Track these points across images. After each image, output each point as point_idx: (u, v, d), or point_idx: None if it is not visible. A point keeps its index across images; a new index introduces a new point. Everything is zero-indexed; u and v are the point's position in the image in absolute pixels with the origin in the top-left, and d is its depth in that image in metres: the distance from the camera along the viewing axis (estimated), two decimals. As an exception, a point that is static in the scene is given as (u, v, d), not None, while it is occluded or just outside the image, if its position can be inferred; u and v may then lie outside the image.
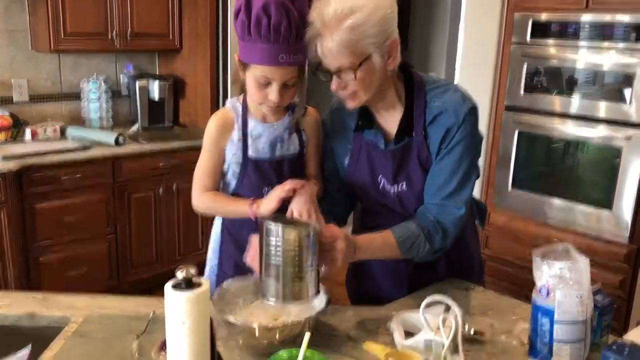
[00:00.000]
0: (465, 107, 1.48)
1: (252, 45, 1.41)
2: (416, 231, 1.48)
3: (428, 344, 1.23)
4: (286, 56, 1.41)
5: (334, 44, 1.35)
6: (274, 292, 1.30)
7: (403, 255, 1.50)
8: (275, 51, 1.40)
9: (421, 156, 1.52)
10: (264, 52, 1.40)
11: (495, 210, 3.35)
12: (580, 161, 3.06)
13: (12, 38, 3.48)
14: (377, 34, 1.36)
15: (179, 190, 3.65)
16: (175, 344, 1.07)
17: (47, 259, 3.22)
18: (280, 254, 1.27)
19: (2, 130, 3.26)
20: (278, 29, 1.37)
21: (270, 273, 1.29)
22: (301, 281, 1.29)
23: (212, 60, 3.68)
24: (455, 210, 1.51)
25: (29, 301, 1.50)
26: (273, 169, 1.60)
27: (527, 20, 3.10)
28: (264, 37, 1.39)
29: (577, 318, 1.20)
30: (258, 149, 1.59)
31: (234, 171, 1.62)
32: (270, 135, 1.59)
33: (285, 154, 1.62)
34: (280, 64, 1.41)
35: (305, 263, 1.29)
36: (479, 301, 1.57)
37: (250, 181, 1.60)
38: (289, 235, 1.27)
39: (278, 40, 1.39)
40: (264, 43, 1.39)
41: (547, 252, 1.31)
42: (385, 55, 1.41)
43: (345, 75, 1.40)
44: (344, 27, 1.33)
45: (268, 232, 1.29)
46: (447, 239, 1.52)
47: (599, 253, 2.93)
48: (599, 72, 2.89)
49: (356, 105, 1.48)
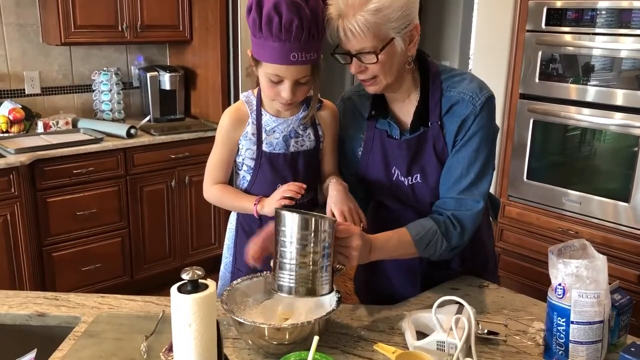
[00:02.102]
0: (483, 97, 1.45)
1: (264, 43, 1.39)
2: (433, 228, 1.45)
3: (440, 345, 1.20)
4: (298, 54, 1.38)
5: (356, 25, 1.32)
6: (287, 285, 1.27)
7: (420, 253, 1.47)
8: (287, 50, 1.37)
9: (437, 147, 1.49)
10: (275, 50, 1.38)
11: (510, 201, 3.31)
12: (596, 150, 3.00)
13: (23, 31, 3.48)
14: (400, 17, 1.34)
15: (192, 182, 3.65)
16: (182, 346, 1.06)
17: (61, 255, 3.23)
18: (294, 245, 1.25)
19: (14, 123, 3.27)
20: (289, 27, 1.35)
21: (284, 265, 1.27)
22: (314, 275, 1.27)
23: (222, 52, 3.65)
24: (473, 204, 1.47)
25: (40, 300, 1.49)
26: (287, 164, 1.57)
27: (542, 7, 3.04)
28: (275, 35, 1.36)
29: (594, 318, 1.17)
30: (272, 144, 1.56)
31: (248, 166, 1.60)
32: (284, 130, 1.57)
33: (300, 148, 1.59)
34: (291, 63, 1.39)
35: (320, 257, 1.26)
36: (493, 299, 1.54)
37: (264, 176, 1.58)
38: (305, 226, 1.24)
39: (289, 39, 1.36)
40: (275, 42, 1.37)
41: (563, 249, 1.28)
42: (407, 40, 1.39)
43: (366, 59, 1.37)
44: (368, 9, 1.31)
45: (283, 222, 1.26)
46: (465, 235, 1.48)
47: (615, 247, 2.88)
48: (615, 59, 2.83)
49: (376, 90, 1.46)
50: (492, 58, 3.31)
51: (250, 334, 1.25)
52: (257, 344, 1.26)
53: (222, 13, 3.59)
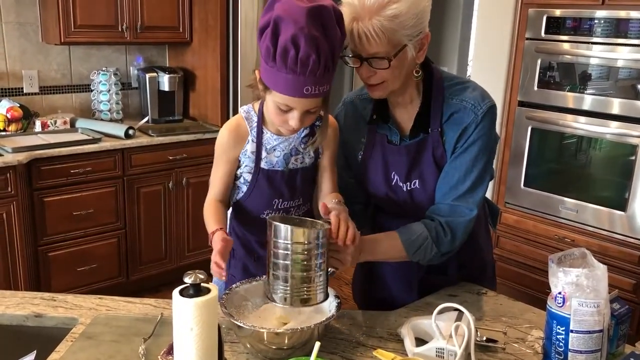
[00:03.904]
0: (485, 106, 1.45)
1: (276, 73, 1.30)
2: (424, 234, 1.45)
3: (440, 353, 1.20)
4: (312, 88, 1.30)
5: (372, 30, 1.30)
6: (281, 296, 1.28)
7: (409, 257, 1.47)
8: (301, 83, 1.29)
9: (436, 153, 1.49)
10: (288, 82, 1.29)
11: (507, 208, 3.32)
12: (593, 159, 3.02)
13: (22, 30, 3.47)
14: (414, 25, 1.33)
15: (189, 184, 3.64)
16: (183, 350, 1.06)
17: (57, 254, 3.22)
18: (289, 256, 1.25)
19: (12, 122, 3.26)
20: (306, 62, 1.26)
21: (278, 275, 1.27)
22: (309, 284, 1.27)
23: (222, 54, 3.65)
24: (466, 211, 1.47)
25: (37, 301, 1.48)
26: (285, 180, 1.53)
27: (541, 16, 3.06)
28: (289, 68, 1.27)
29: (594, 327, 1.17)
30: (272, 162, 1.51)
31: (245, 179, 1.56)
32: (285, 149, 1.51)
33: (299, 166, 1.54)
34: (304, 96, 1.31)
35: (314, 266, 1.26)
36: (491, 306, 1.54)
37: (261, 191, 1.54)
38: (298, 237, 1.25)
39: (304, 73, 1.27)
40: (289, 74, 1.28)
41: (563, 258, 1.28)
42: (417, 48, 1.39)
43: (377, 64, 1.36)
44: (385, 14, 1.30)
45: (276, 232, 1.26)
46: (456, 241, 1.49)
47: (611, 255, 2.89)
48: (612, 68, 2.85)
49: (381, 96, 1.45)
50: (491, 65, 3.33)
51: (249, 338, 1.25)
52: (255, 348, 1.26)
53: (222, 15, 3.59)
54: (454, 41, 4.70)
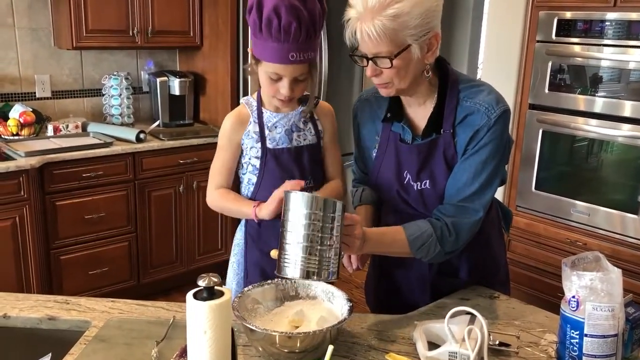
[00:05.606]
0: (499, 110, 1.45)
1: (264, 43, 1.47)
2: (428, 231, 1.46)
3: (453, 356, 1.20)
4: (296, 54, 1.47)
5: (374, 29, 1.33)
6: (292, 266, 1.26)
7: (412, 254, 1.48)
8: (286, 50, 1.46)
9: (447, 154, 1.49)
10: (274, 50, 1.46)
11: (518, 212, 3.30)
12: (604, 162, 3.00)
13: (35, 35, 3.50)
14: (418, 25, 1.34)
15: (199, 187, 3.65)
16: (196, 353, 1.06)
17: (68, 258, 3.24)
18: (301, 224, 1.24)
19: (25, 126, 3.29)
20: (288, 29, 1.43)
21: (290, 245, 1.26)
22: (320, 257, 1.26)
23: (232, 58, 3.67)
24: (472, 213, 1.48)
25: (50, 304, 1.49)
26: (292, 158, 1.63)
27: (552, 18, 3.04)
28: (274, 37, 1.44)
29: (609, 332, 1.17)
30: (275, 139, 1.62)
31: (253, 166, 1.63)
32: (285, 124, 1.64)
33: (303, 142, 1.65)
34: (290, 62, 1.47)
35: (326, 238, 1.26)
36: (504, 310, 1.53)
37: (270, 173, 1.62)
38: (312, 205, 1.24)
39: (288, 40, 1.44)
40: (274, 42, 1.45)
41: (577, 261, 1.28)
42: (425, 48, 1.40)
43: (381, 63, 1.38)
44: (387, 14, 1.31)
45: (291, 201, 1.26)
46: (459, 242, 1.49)
47: (623, 258, 2.87)
48: (624, 71, 2.83)
49: (388, 94, 1.48)
50: (501, 68, 3.31)
51: (261, 341, 1.25)
52: (267, 351, 1.26)
53: (232, 19, 3.60)
54: (464, 44, 4.69)
